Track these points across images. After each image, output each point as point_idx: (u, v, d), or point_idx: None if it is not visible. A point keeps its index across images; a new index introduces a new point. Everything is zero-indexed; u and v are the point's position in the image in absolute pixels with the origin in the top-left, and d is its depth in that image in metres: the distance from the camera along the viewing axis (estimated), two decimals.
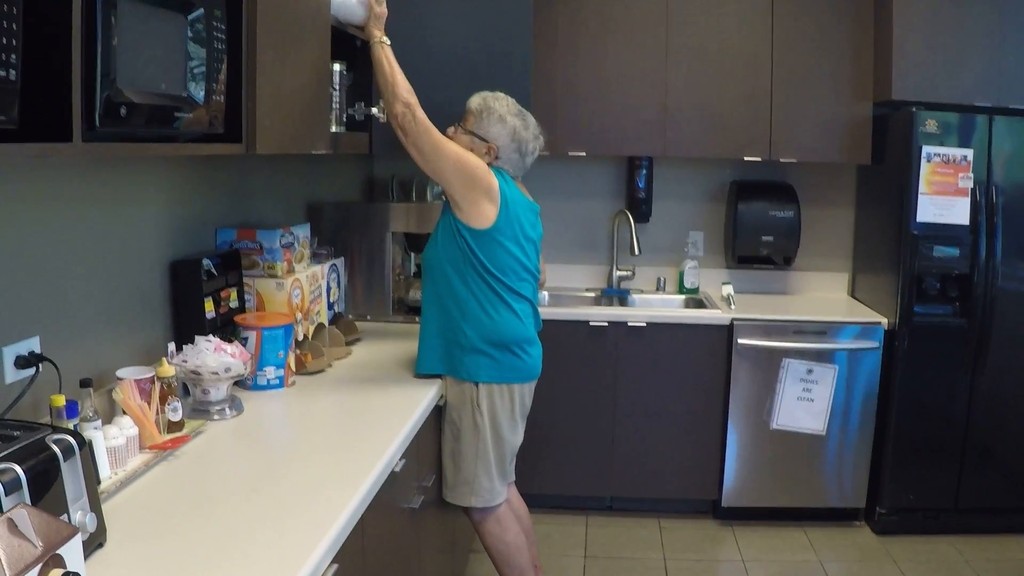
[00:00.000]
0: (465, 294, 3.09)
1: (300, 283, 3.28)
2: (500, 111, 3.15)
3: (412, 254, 4.42)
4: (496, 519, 3.31)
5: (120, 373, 2.39)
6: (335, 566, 1.85)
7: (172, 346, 2.66)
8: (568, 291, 5.16)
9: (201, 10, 2.03)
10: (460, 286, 3.09)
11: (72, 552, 1.37)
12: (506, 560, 3.35)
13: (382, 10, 3.07)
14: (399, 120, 2.99)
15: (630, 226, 4.95)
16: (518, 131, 3.17)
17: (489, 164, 3.12)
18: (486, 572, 4.08)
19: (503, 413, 3.18)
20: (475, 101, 3.19)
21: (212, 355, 2.61)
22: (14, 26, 1.43)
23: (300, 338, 3.22)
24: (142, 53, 1.82)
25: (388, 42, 3.05)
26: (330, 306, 3.61)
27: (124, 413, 2.25)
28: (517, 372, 3.19)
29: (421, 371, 3.21)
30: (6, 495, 1.42)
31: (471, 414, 3.15)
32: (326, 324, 3.51)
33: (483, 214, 3.05)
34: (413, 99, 2.99)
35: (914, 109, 4.31)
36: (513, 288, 3.14)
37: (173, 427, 2.39)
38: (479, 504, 3.24)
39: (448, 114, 3.45)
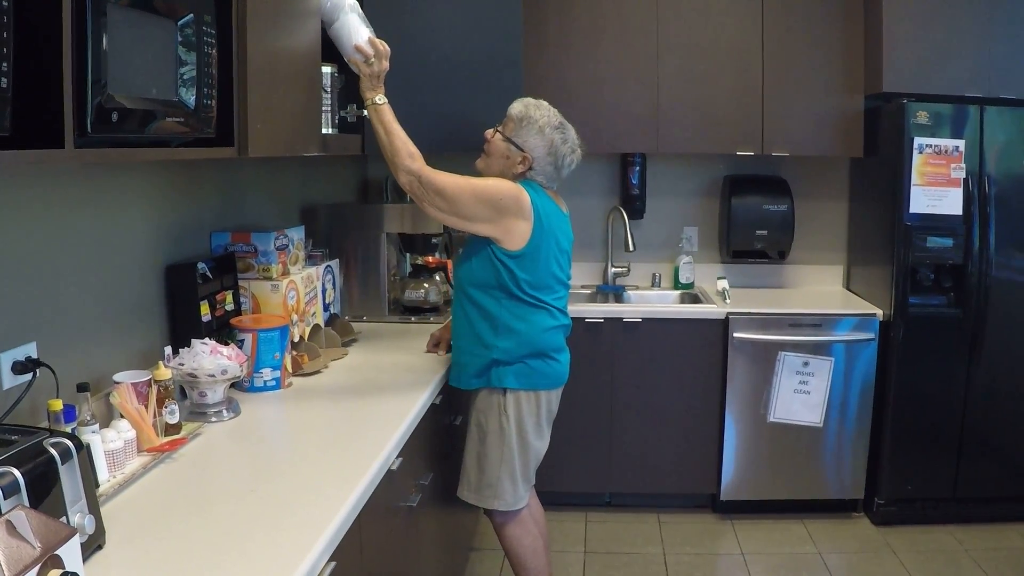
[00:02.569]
0: (497, 311, 3.09)
1: (295, 285, 3.29)
2: (540, 122, 3.10)
3: (407, 254, 4.43)
4: (518, 522, 3.33)
5: (117, 377, 2.40)
6: (333, 564, 1.86)
7: (168, 349, 2.67)
8: None
9: (191, 15, 2.04)
10: (492, 304, 3.10)
11: (71, 553, 1.38)
12: (523, 564, 3.37)
13: (380, 67, 2.94)
14: (406, 188, 2.98)
15: (624, 223, 4.96)
16: (555, 145, 3.12)
17: (522, 173, 3.11)
18: (485, 570, 4.11)
19: (529, 418, 3.19)
20: (516, 108, 3.15)
21: (208, 358, 2.62)
22: (4, 34, 1.44)
23: (296, 340, 3.23)
24: (132, 59, 1.83)
25: (382, 102, 2.95)
26: (326, 307, 3.62)
27: (121, 416, 2.26)
28: (545, 379, 3.20)
29: (456, 385, 3.25)
30: (5, 498, 1.43)
31: (498, 419, 3.16)
32: (322, 325, 3.53)
33: (519, 234, 3.04)
34: (415, 163, 2.94)
35: (905, 101, 4.32)
36: (546, 302, 3.14)
37: (170, 430, 2.40)
38: (502, 508, 3.25)
39: (441, 116, 3.46)
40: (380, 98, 2.96)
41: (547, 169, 3.14)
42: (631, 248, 4.93)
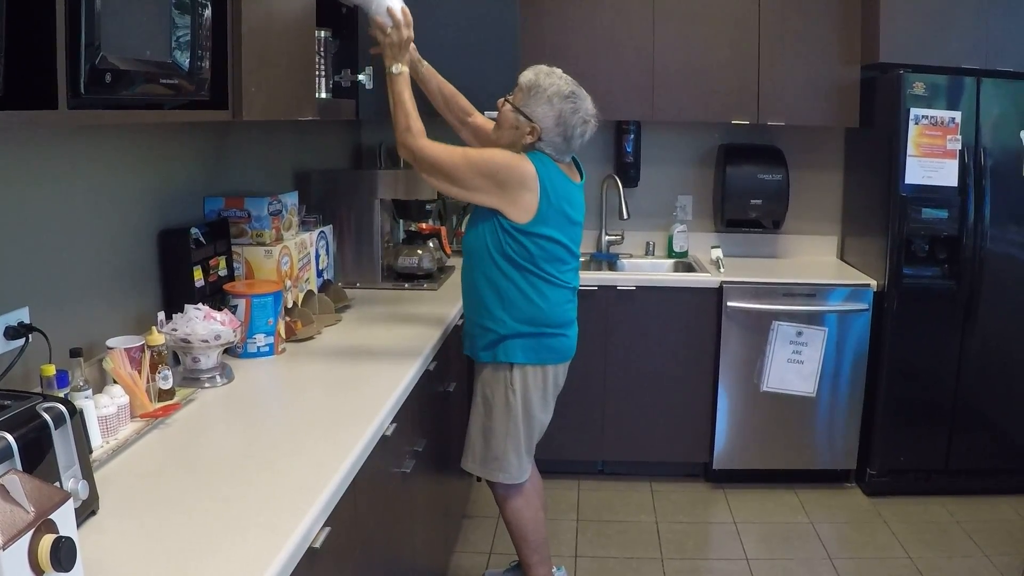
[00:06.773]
0: (503, 283, 3.06)
1: (289, 251, 3.27)
2: (548, 92, 2.97)
3: (401, 221, 4.42)
4: (521, 494, 3.34)
5: (110, 342, 2.39)
6: (328, 529, 1.86)
7: (162, 315, 2.66)
8: None
9: None
10: (498, 275, 3.06)
11: (65, 518, 1.37)
12: (524, 535, 3.38)
13: (400, 37, 2.93)
14: (407, 158, 2.99)
15: (618, 191, 4.94)
16: (564, 115, 2.98)
17: (531, 144, 3.03)
18: (479, 538, 4.12)
19: (536, 392, 3.18)
20: (526, 76, 3.03)
21: (202, 323, 2.61)
22: None
23: (289, 305, 3.22)
24: (126, 20, 1.80)
25: (397, 72, 2.94)
26: (319, 273, 3.61)
27: (115, 382, 2.25)
28: (553, 353, 3.19)
29: (468, 354, 3.28)
30: None
31: (504, 393, 3.15)
32: (315, 291, 3.51)
33: (524, 207, 2.97)
34: (413, 139, 2.92)
35: (902, 71, 4.30)
36: (555, 276, 3.10)
37: (164, 395, 2.39)
38: (506, 480, 3.25)
39: None
40: (396, 68, 2.94)
41: (555, 140, 3.02)
42: (625, 216, 4.91)
